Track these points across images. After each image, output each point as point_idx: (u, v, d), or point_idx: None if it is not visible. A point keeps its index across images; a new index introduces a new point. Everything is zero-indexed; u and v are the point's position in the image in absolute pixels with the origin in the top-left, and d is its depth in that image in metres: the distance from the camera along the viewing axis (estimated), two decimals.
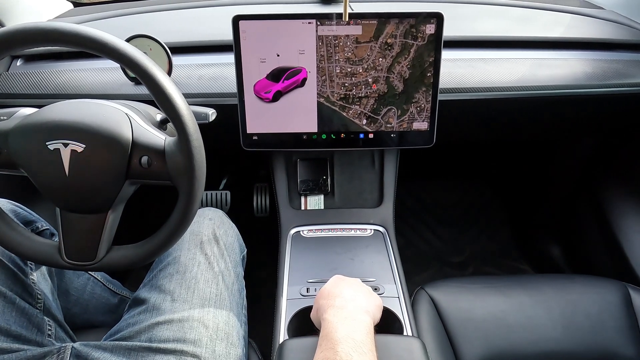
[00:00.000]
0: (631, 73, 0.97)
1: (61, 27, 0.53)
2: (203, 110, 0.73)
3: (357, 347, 0.50)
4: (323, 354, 0.51)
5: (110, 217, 0.62)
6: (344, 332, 0.52)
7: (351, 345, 0.50)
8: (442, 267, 1.53)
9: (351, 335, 0.52)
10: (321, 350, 0.51)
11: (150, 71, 0.56)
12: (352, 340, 0.51)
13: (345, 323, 0.54)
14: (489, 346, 0.79)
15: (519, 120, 1.06)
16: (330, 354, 0.49)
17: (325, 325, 0.55)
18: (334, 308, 0.57)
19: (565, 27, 1.08)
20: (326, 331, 0.54)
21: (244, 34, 0.81)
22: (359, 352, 0.49)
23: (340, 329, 0.53)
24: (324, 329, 0.55)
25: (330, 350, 0.50)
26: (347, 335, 0.52)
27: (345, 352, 0.49)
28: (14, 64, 0.96)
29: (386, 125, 0.88)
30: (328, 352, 0.50)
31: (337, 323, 0.54)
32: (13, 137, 0.59)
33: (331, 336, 0.52)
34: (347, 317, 0.55)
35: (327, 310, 0.57)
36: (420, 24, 0.81)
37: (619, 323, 0.82)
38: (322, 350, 0.51)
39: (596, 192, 1.25)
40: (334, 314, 0.56)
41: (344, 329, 0.53)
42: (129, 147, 0.58)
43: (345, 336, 0.51)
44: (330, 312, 0.56)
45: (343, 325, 0.54)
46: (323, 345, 0.52)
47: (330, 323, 0.54)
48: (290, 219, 0.99)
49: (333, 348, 0.50)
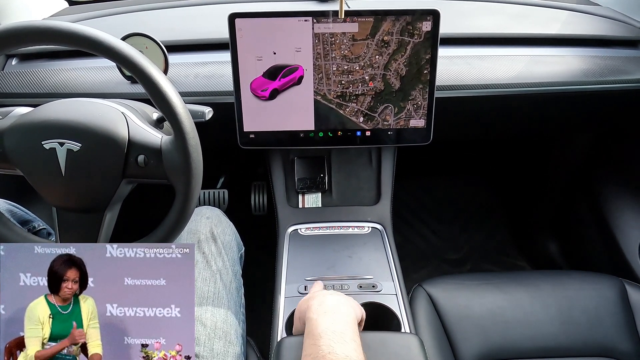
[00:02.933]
0: (627, 69, 0.97)
1: (56, 25, 0.53)
2: (199, 108, 0.73)
3: (338, 338, 0.50)
4: (306, 352, 0.51)
5: (107, 216, 0.62)
6: (324, 325, 0.53)
7: (332, 338, 0.50)
8: (440, 264, 1.53)
9: (331, 327, 0.52)
10: (305, 348, 0.52)
11: (147, 70, 0.55)
12: (332, 333, 0.51)
13: (325, 317, 0.54)
14: (486, 342, 0.79)
15: (516, 117, 1.06)
16: (313, 350, 0.50)
17: (308, 323, 0.55)
18: (314, 306, 0.57)
19: (562, 24, 1.08)
20: (309, 329, 0.54)
21: (240, 32, 0.80)
22: (340, 343, 0.49)
23: (320, 324, 0.53)
24: (307, 326, 0.55)
25: (313, 346, 0.50)
26: (327, 329, 0.52)
27: (326, 345, 0.49)
28: (9, 63, 0.95)
29: (383, 123, 0.89)
30: (311, 348, 0.50)
31: (316, 319, 0.54)
32: (8, 136, 0.59)
33: (313, 333, 0.52)
34: (326, 312, 0.55)
35: (309, 309, 0.58)
36: (416, 21, 0.80)
37: (615, 318, 0.82)
38: (305, 348, 0.52)
39: (593, 188, 1.26)
40: (314, 311, 0.56)
41: (324, 323, 0.53)
42: (125, 145, 0.58)
43: (326, 329, 0.52)
44: (311, 310, 0.57)
45: (323, 319, 0.54)
46: (306, 343, 0.52)
47: (311, 320, 0.55)
48: (287, 217, 0.99)
49: (315, 344, 0.50)
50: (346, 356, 0.48)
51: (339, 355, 0.48)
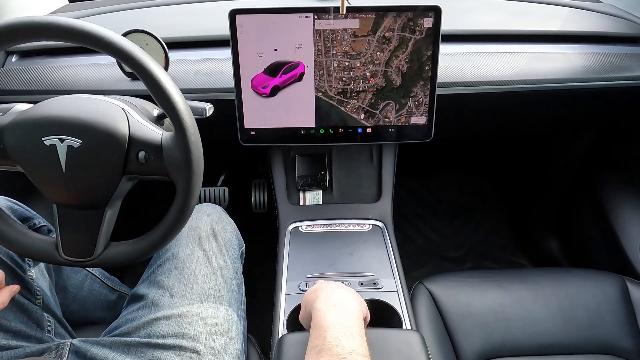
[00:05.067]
0: (629, 66, 0.97)
1: (57, 21, 0.53)
2: (200, 105, 0.73)
3: (346, 331, 0.50)
4: (313, 343, 0.51)
5: (108, 212, 0.62)
6: (333, 318, 0.53)
7: (339, 331, 0.50)
8: (441, 262, 1.53)
9: (340, 321, 0.52)
10: (312, 339, 0.52)
11: (147, 66, 0.55)
12: (340, 326, 0.51)
13: (333, 310, 0.54)
14: (487, 340, 0.79)
15: (517, 114, 1.06)
16: (319, 341, 0.50)
17: (315, 314, 0.55)
18: (323, 297, 0.57)
19: (563, 21, 1.08)
20: (316, 320, 0.54)
21: (240, 29, 0.80)
22: (347, 337, 0.50)
23: (329, 316, 0.53)
24: (314, 318, 0.55)
25: (319, 338, 0.50)
26: (335, 322, 0.52)
27: (334, 338, 0.49)
28: (9, 60, 0.95)
29: (384, 120, 0.88)
30: (317, 340, 0.50)
31: (325, 311, 0.54)
32: (9, 133, 0.59)
33: (320, 324, 0.52)
34: (335, 305, 0.55)
35: (316, 300, 0.58)
36: (418, 18, 0.80)
37: (616, 316, 0.82)
38: (312, 340, 0.52)
39: (594, 185, 1.25)
40: (323, 303, 0.56)
41: (333, 316, 0.53)
42: (125, 142, 0.58)
43: (334, 322, 0.52)
44: (319, 302, 0.57)
45: (332, 312, 0.54)
46: (313, 334, 0.52)
47: (319, 311, 0.55)
48: (288, 214, 0.99)
49: (322, 335, 0.50)
50: (352, 350, 0.48)
51: (345, 348, 0.48)
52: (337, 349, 0.48)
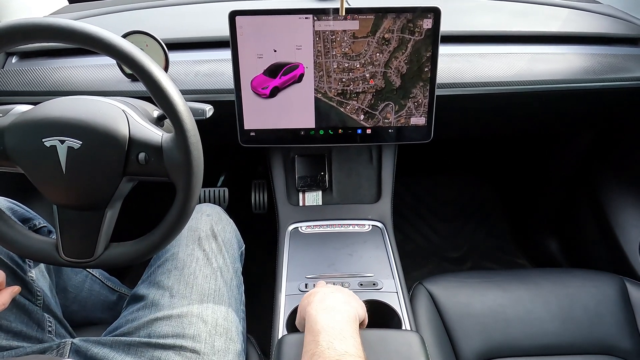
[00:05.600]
0: (628, 67, 0.97)
1: (56, 22, 0.53)
2: (200, 106, 0.73)
3: (338, 334, 0.51)
4: (306, 348, 0.51)
5: (108, 213, 0.62)
6: (324, 322, 0.53)
7: (331, 333, 0.51)
8: (441, 263, 1.53)
9: (331, 324, 0.52)
10: (305, 344, 0.52)
11: (147, 67, 0.55)
12: (331, 329, 0.51)
13: (324, 313, 0.55)
14: (487, 340, 0.79)
15: (517, 114, 1.06)
16: (312, 346, 0.50)
17: (308, 319, 0.56)
18: (314, 302, 0.58)
19: (563, 22, 1.08)
20: (308, 325, 0.55)
21: (240, 30, 0.80)
22: (339, 339, 0.50)
23: (320, 320, 0.53)
24: (307, 323, 0.55)
25: (312, 342, 0.51)
26: (327, 325, 0.52)
27: (326, 341, 0.50)
28: (9, 61, 0.95)
29: (384, 121, 0.88)
30: (310, 345, 0.51)
31: (316, 315, 0.55)
32: (9, 134, 0.59)
33: (313, 328, 0.53)
34: (326, 308, 0.56)
35: (309, 305, 0.58)
36: (417, 19, 0.80)
37: (616, 316, 0.82)
38: (305, 344, 0.52)
39: (593, 186, 1.25)
40: (314, 307, 0.57)
41: (324, 320, 0.53)
42: (125, 143, 0.58)
43: (326, 326, 0.52)
44: (311, 307, 0.57)
45: (323, 315, 0.54)
46: (306, 339, 0.53)
47: (311, 316, 0.55)
48: (288, 215, 0.99)
49: (315, 340, 0.51)
50: (345, 352, 0.48)
51: (337, 350, 0.48)
52: (330, 352, 0.48)
